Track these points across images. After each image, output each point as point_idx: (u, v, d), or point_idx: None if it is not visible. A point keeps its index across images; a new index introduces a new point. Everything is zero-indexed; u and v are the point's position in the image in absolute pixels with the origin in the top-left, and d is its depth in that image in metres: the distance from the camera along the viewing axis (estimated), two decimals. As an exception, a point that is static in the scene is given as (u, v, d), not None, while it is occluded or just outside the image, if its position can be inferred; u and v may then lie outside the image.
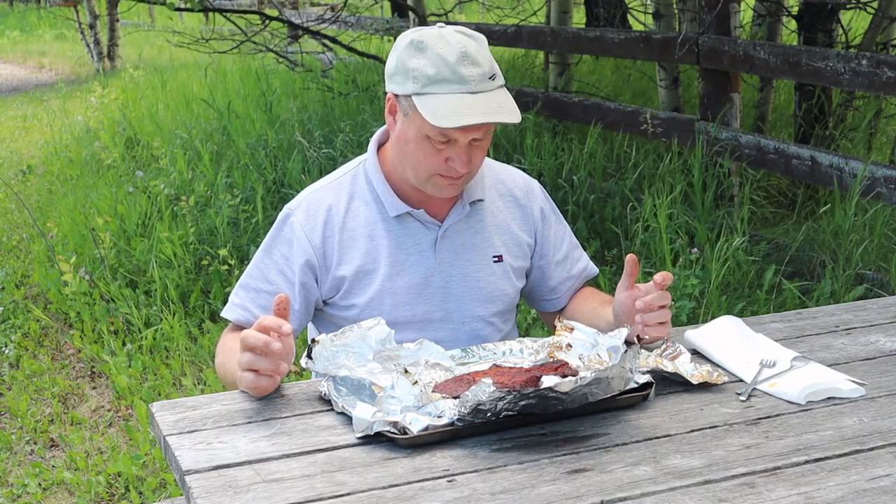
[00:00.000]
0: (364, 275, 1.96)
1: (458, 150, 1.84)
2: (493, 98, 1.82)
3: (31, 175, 7.71)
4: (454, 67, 1.79)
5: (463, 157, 1.84)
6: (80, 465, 3.40)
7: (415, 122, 1.84)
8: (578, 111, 5.71)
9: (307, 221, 1.96)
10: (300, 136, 6.08)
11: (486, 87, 1.82)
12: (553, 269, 2.12)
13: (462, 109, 1.78)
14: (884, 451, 1.47)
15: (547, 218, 2.12)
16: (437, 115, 1.79)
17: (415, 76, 1.82)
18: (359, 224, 1.97)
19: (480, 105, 1.79)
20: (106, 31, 14.28)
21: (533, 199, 2.11)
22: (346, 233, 1.96)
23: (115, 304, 4.58)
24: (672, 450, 1.48)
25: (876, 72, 3.95)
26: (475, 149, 1.87)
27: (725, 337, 1.86)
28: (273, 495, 1.36)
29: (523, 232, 2.08)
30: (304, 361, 1.68)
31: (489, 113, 1.79)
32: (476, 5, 14.16)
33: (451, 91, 1.79)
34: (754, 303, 3.92)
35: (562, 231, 2.15)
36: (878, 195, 3.94)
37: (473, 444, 1.50)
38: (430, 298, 1.97)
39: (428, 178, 1.89)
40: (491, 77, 1.83)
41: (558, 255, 2.12)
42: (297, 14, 10.63)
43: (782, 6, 6.68)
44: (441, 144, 1.84)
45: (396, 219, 1.97)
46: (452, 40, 1.82)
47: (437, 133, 1.82)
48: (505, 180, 2.10)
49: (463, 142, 1.83)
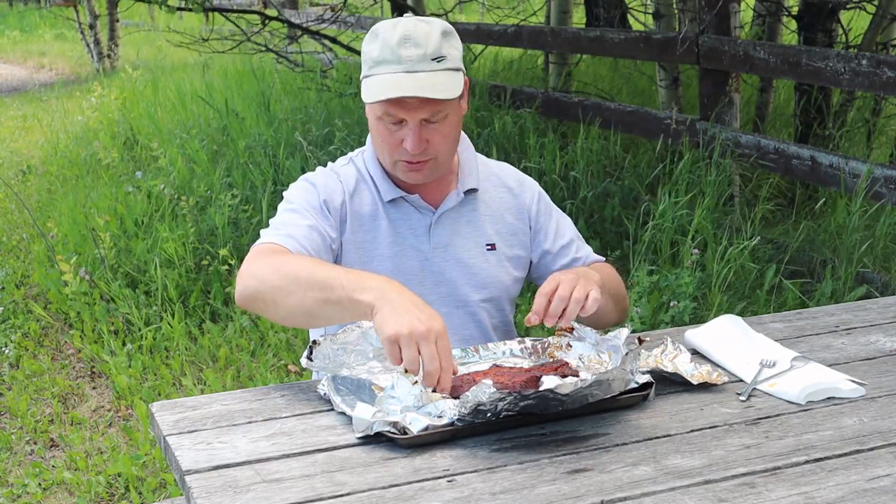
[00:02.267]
0: (363, 251, 1.99)
1: (408, 130, 1.87)
2: (430, 78, 1.84)
3: (31, 175, 7.71)
4: (394, 48, 1.85)
5: (413, 137, 1.87)
6: (80, 465, 3.39)
7: (368, 105, 1.91)
8: (578, 111, 5.71)
9: (326, 183, 2.00)
10: (299, 135, 6.08)
11: (425, 67, 1.84)
12: (555, 256, 2.11)
13: (392, 86, 1.83)
14: (884, 451, 1.47)
15: (543, 207, 2.13)
16: (369, 92, 1.85)
17: (365, 60, 1.90)
18: (364, 203, 2.01)
19: (411, 83, 1.83)
20: (106, 31, 14.29)
21: (525, 189, 2.13)
22: (354, 206, 2.00)
23: (115, 304, 4.58)
24: (672, 450, 1.48)
25: (876, 72, 3.95)
26: (431, 131, 1.89)
27: (725, 337, 1.86)
28: (273, 495, 1.36)
29: (518, 220, 2.09)
30: (304, 362, 1.68)
31: (417, 89, 1.82)
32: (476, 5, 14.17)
33: (388, 71, 1.85)
34: (754, 303, 3.92)
35: (563, 222, 2.15)
36: (878, 195, 3.94)
37: (473, 444, 1.50)
38: (424, 281, 1.99)
39: (393, 163, 1.94)
40: (436, 59, 1.85)
41: (561, 240, 2.12)
42: (296, 14, 10.63)
43: (782, 6, 6.68)
44: (393, 125, 1.89)
45: (392, 203, 2.01)
46: (401, 25, 1.87)
47: (384, 113, 1.87)
48: (498, 173, 2.13)
49: (412, 122, 1.87)
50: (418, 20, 1.90)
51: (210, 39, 7.95)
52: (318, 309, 1.69)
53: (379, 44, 1.87)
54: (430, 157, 1.92)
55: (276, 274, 1.74)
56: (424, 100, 1.84)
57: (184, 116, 7.83)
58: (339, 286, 1.65)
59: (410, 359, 1.55)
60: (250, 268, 1.80)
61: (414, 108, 1.85)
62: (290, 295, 1.71)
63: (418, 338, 1.55)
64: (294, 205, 1.95)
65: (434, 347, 1.55)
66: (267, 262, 1.78)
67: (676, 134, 4.98)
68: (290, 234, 1.87)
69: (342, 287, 1.65)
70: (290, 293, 1.71)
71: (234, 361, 4.06)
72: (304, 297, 1.69)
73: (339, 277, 1.67)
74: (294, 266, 1.75)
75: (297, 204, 1.95)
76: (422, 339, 1.55)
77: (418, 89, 1.82)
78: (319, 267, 1.73)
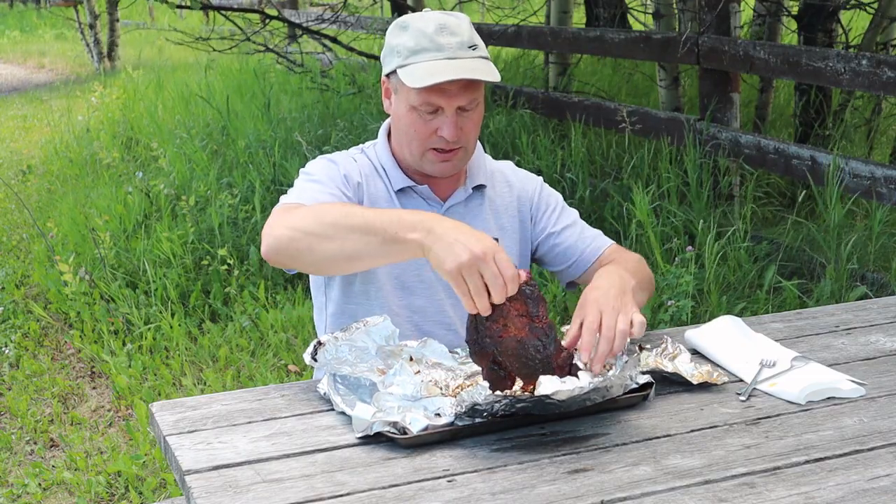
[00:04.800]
0: None
1: (445, 118, 1.89)
2: (471, 63, 1.87)
3: (31, 175, 7.71)
4: (432, 37, 1.87)
5: (450, 125, 1.88)
6: (80, 465, 3.39)
7: (402, 95, 1.91)
8: (578, 111, 5.71)
9: (345, 162, 2.00)
10: (299, 135, 6.08)
11: (465, 54, 1.87)
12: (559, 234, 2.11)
13: (438, 71, 1.84)
14: (884, 451, 1.47)
15: (544, 195, 2.14)
16: (414, 78, 1.85)
17: (398, 51, 1.90)
18: (378, 190, 2.01)
19: (456, 68, 1.85)
20: (106, 31, 14.29)
21: (528, 183, 2.14)
22: (370, 189, 2.00)
23: (115, 304, 4.58)
24: (672, 450, 1.48)
25: (876, 72, 3.95)
26: (465, 120, 1.91)
27: (725, 337, 1.86)
28: (273, 495, 1.36)
29: (520, 213, 2.11)
30: (307, 359, 1.68)
31: (463, 72, 1.84)
32: (476, 5, 14.16)
33: (429, 59, 1.86)
34: (754, 303, 3.91)
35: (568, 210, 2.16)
36: (878, 195, 3.94)
37: (473, 444, 1.50)
38: (430, 271, 1.98)
39: (422, 154, 1.94)
40: (471, 47, 1.89)
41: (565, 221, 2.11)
42: (296, 14, 10.63)
43: (782, 6, 6.67)
44: (428, 115, 1.90)
45: (402, 193, 2.01)
46: (431, 16, 1.91)
47: (422, 102, 1.88)
48: (502, 169, 2.15)
49: (449, 110, 1.88)
50: (443, 12, 1.93)
51: (210, 39, 7.95)
52: (361, 251, 1.70)
53: (412, 34, 1.89)
54: (461, 146, 1.94)
55: (311, 220, 1.74)
56: (465, 86, 1.86)
57: (184, 116, 7.83)
58: (381, 228, 1.66)
59: (476, 287, 1.56)
60: (280, 220, 1.78)
61: (454, 95, 1.87)
62: (329, 240, 1.71)
63: (478, 262, 1.56)
64: (315, 176, 1.95)
65: (494, 266, 1.56)
66: (299, 213, 1.77)
67: (676, 134, 4.98)
68: (314, 197, 1.86)
69: (385, 229, 1.65)
70: (328, 238, 1.70)
71: (234, 361, 4.06)
72: (343, 242, 1.69)
73: (379, 218, 1.67)
74: (328, 211, 1.75)
75: (318, 176, 1.95)
76: (481, 262, 1.56)
77: (465, 72, 1.84)
78: (355, 209, 1.75)
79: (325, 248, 1.71)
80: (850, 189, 4.08)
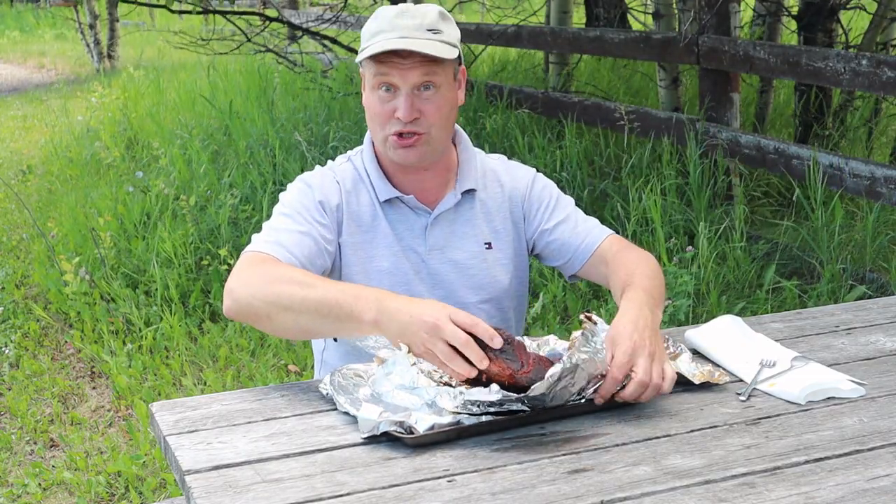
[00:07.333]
0: (362, 251, 1.98)
1: (400, 99, 1.88)
2: (420, 42, 1.85)
3: (31, 175, 7.71)
4: (391, 20, 1.88)
5: (405, 103, 1.87)
6: (80, 465, 3.40)
7: (366, 80, 1.93)
8: (578, 111, 5.71)
9: (322, 184, 1.99)
10: (299, 135, 6.08)
11: (419, 35, 1.86)
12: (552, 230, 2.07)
13: (385, 46, 1.85)
14: (884, 451, 1.47)
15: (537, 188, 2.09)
16: (363, 54, 1.88)
17: (364, 36, 1.92)
18: (362, 204, 2.00)
19: (404, 44, 1.84)
20: (106, 31, 14.29)
21: (518, 179, 2.10)
22: (351, 207, 1.99)
23: (116, 304, 4.58)
24: (672, 450, 1.48)
25: (876, 72, 3.95)
26: (424, 102, 1.89)
27: (726, 337, 1.86)
28: (273, 495, 1.36)
29: (512, 212, 2.08)
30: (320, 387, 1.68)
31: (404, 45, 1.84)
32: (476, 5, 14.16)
33: (384, 38, 1.87)
34: (754, 303, 3.91)
35: (564, 200, 2.11)
36: (878, 195, 3.94)
37: (473, 444, 1.50)
38: (421, 283, 1.99)
39: (385, 139, 1.93)
40: (432, 30, 1.88)
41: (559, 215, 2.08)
42: (296, 14, 10.63)
43: (782, 6, 6.68)
44: (385, 94, 1.89)
45: (388, 204, 2.00)
46: (401, 5, 1.92)
47: (376, 78, 1.88)
48: (494, 168, 2.11)
49: (404, 87, 1.87)
50: (420, 5, 1.94)
51: (211, 40, 7.95)
52: (317, 328, 1.72)
53: (375, 18, 1.91)
54: (423, 132, 1.91)
55: (271, 288, 1.73)
56: (417, 62, 1.85)
57: (185, 116, 7.83)
58: (336, 305, 1.66)
59: (445, 353, 1.56)
60: (244, 278, 1.78)
61: (405, 70, 1.86)
62: (286, 311, 1.70)
63: (436, 332, 1.56)
64: (287, 209, 1.94)
65: (451, 327, 1.55)
66: (262, 274, 1.77)
67: (676, 134, 4.98)
68: (280, 241, 1.85)
69: (339, 307, 1.66)
70: (286, 309, 1.70)
71: (234, 361, 4.06)
72: (299, 317, 1.70)
73: (335, 297, 1.67)
74: (290, 281, 1.73)
75: (290, 208, 1.94)
76: (437, 331, 1.56)
77: (407, 45, 1.84)
78: (315, 283, 1.72)
79: (284, 319, 1.71)
80: (850, 189, 4.08)
